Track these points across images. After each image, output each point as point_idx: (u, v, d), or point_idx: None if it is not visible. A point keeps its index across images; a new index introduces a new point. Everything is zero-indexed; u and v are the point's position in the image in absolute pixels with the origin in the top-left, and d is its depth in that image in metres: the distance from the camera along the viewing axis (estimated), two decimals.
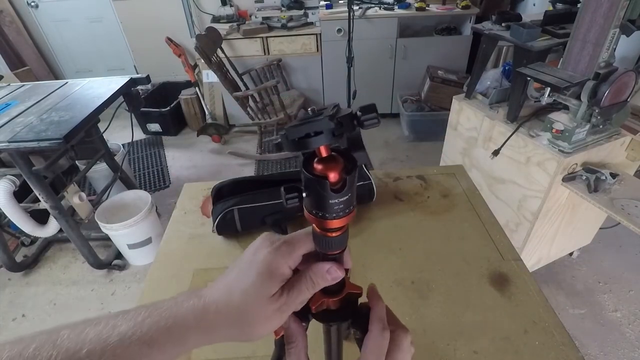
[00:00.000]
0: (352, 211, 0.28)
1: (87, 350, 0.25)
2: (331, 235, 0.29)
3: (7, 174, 1.61)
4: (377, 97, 3.16)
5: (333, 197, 0.26)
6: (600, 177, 1.32)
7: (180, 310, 0.28)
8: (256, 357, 0.64)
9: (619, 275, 1.86)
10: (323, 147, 0.25)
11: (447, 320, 0.68)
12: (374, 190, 0.92)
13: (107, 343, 0.26)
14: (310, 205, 0.27)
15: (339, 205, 0.26)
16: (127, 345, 0.26)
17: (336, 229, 0.29)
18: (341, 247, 0.31)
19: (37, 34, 3.43)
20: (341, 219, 0.27)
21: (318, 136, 0.24)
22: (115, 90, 1.71)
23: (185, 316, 0.28)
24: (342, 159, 0.26)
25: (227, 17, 2.97)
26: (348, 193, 0.26)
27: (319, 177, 0.25)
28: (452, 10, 2.79)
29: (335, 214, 0.27)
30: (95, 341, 0.26)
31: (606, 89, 1.18)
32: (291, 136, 0.24)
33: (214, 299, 0.29)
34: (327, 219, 0.27)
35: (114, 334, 0.26)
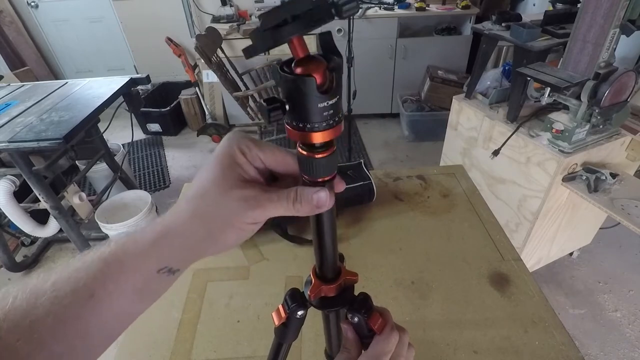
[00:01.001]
0: (340, 122, 0.25)
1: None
2: (318, 157, 0.26)
3: (7, 174, 1.62)
4: (377, 97, 3.16)
5: (321, 99, 0.23)
6: (600, 177, 1.32)
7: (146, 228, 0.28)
8: (256, 357, 0.64)
9: (619, 275, 1.86)
10: (300, 44, 0.23)
11: (447, 320, 0.68)
12: (374, 190, 0.92)
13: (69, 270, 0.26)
14: (295, 116, 0.24)
15: (327, 111, 0.24)
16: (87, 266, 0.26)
17: (323, 148, 0.26)
18: (330, 171, 0.28)
19: (37, 34, 3.43)
20: (329, 131, 0.25)
21: (295, 22, 0.21)
22: (115, 90, 1.71)
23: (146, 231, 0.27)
24: (322, 58, 0.24)
25: (227, 17, 2.97)
26: (337, 95, 0.24)
27: (303, 76, 0.23)
28: (452, 10, 2.79)
29: (324, 123, 0.24)
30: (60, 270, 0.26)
31: (606, 89, 1.18)
32: (265, 24, 0.21)
33: (176, 207, 0.28)
34: (314, 131, 0.25)
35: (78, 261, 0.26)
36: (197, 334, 0.68)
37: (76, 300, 0.25)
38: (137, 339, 0.68)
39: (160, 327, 0.69)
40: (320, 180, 0.28)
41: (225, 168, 0.28)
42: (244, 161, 0.28)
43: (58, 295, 0.25)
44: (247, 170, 0.28)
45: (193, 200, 0.28)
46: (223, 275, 0.79)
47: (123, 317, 0.28)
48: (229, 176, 0.27)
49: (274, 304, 0.47)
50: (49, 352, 0.24)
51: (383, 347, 0.34)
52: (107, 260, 0.26)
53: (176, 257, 0.28)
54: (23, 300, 0.24)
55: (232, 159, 0.28)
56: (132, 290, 0.27)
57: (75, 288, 0.25)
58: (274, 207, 0.28)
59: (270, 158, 0.29)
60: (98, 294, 0.25)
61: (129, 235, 0.27)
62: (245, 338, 0.67)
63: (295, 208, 0.28)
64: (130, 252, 0.27)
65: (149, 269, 0.27)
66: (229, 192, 0.27)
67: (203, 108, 3.15)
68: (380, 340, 0.34)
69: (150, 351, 0.66)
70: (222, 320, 0.70)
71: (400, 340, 0.35)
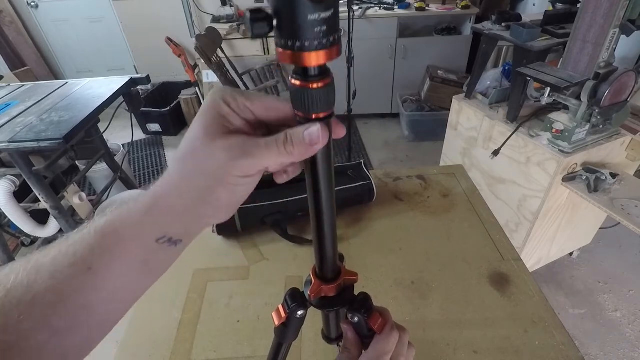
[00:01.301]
0: (337, 43, 0.23)
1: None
2: (313, 86, 0.24)
3: (7, 174, 1.61)
4: (377, 97, 3.16)
5: (313, 8, 0.20)
6: (600, 177, 1.32)
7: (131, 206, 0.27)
8: (256, 357, 0.64)
9: (619, 275, 1.86)
10: None
11: (447, 320, 0.68)
12: (374, 190, 0.92)
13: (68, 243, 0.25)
14: (283, 32, 0.22)
15: (320, 26, 0.21)
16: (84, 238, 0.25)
17: (319, 76, 0.24)
18: (326, 105, 0.25)
19: (37, 34, 3.43)
20: (324, 51, 0.22)
21: None
22: (115, 91, 1.71)
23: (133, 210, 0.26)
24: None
25: (227, 17, 2.97)
26: (331, 6, 0.21)
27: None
28: (452, 10, 2.79)
29: (316, 41, 0.21)
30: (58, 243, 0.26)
31: (606, 89, 1.18)
32: None
33: (165, 173, 0.27)
34: (305, 50, 0.22)
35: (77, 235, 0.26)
36: (197, 334, 0.68)
37: (74, 273, 0.24)
38: (137, 339, 0.68)
39: (160, 327, 0.69)
40: (315, 117, 0.25)
41: (209, 121, 0.26)
42: (229, 112, 0.26)
43: (56, 269, 0.24)
44: (233, 121, 0.26)
45: (180, 159, 0.26)
46: (223, 275, 0.79)
47: (126, 291, 0.27)
48: (213, 129, 0.25)
49: (274, 304, 0.47)
50: (50, 327, 0.24)
51: (383, 347, 0.34)
52: (102, 232, 0.25)
53: (172, 224, 0.27)
54: (24, 277, 0.24)
55: (215, 111, 0.26)
56: (133, 263, 0.26)
57: (73, 262, 0.24)
58: (263, 153, 0.25)
59: (259, 106, 0.27)
60: (96, 267, 0.25)
61: (123, 206, 0.26)
62: (245, 338, 0.67)
63: (288, 151, 0.25)
64: (126, 222, 0.26)
65: (146, 238, 0.26)
66: (214, 143, 0.25)
67: None
68: (381, 340, 0.34)
69: (150, 351, 0.66)
70: (222, 320, 0.70)
71: (401, 340, 0.35)
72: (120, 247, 0.25)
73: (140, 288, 0.28)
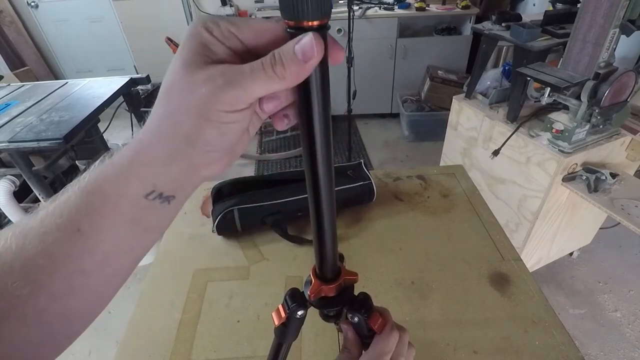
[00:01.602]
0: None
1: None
2: (307, 25, 0.21)
3: (7, 174, 1.62)
4: (377, 97, 3.17)
5: None
6: (600, 177, 1.32)
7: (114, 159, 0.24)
8: (256, 357, 0.64)
9: (619, 275, 1.86)
10: None
11: (447, 320, 0.68)
12: (374, 190, 0.92)
13: (54, 205, 0.24)
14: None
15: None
16: (69, 199, 0.24)
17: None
18: (319, 10, 0.21)
19: (37, 34, 3.43)
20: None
21: None
22: (115, 90, 1.71)
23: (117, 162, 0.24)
24: None
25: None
26: None
27: None
28: (452, 10, 2.79)
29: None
30: (44, 207, 0.24)
31: (606, 89, 1.18)
32: None
33: (150, 116, 0.24)
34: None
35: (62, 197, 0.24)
36: (197, 334, 0.68)
37: (63, 236, 0.23)
38: (137, 339, 0.68)
39: (160, 327, 0.69)
40: (308, 25, 0.22)
41: (189, 53, 0.22)
42: (211, 39, 0.23)
43: (45, 231, 0.23)
44: (216, 50, 0.23)
45: (160, 99, 0.23)
46: (223, 275, 0.79)
47: (122, 253, 0.25)
48: (192, 61, 0.22)
49: (274, 304, 0.47)
50: (48, 292, 0.23)
51: (383, 347, 0.34)
52: (87, 190, 0.23)
53: (160, 176, 0.24)
54: (13, 241, 0.23)
55: (195, 41, 0.23)
56: (124, 222, 0.24)
57: (60, 223, 0.23)
58: (250, 81, 0.22)
59: (247, 30, 0.23)
60: (85, 228, 0.23)
61: (106, 160, 0.24)
62: (245, 338, 0.67)
63: (279, 74, 0.22)
64: (110, 177, 0.23)
65: (134, 194, 0.23)
66: (194, 76, 0.22)
67: None
68: (381, 340, 0.34)
69: (150, 351, 0.66)
70: (222, 320, 0.70)
71: (401, 340, 0.36)
72: (108, 206, 0.23)
73: (137, 249, 0.26)
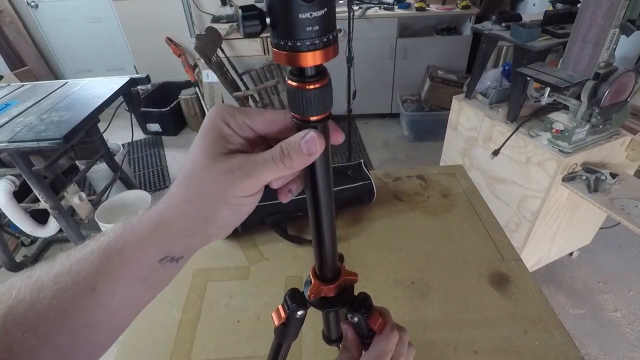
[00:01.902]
0: (333, 44, 0.22)
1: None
2: (309, 87, 0.23)
3: (7, 174, 1.62)
4: (377, 97, 3.16)
5: (305, 9, 0.20)
6: (600, 177, 1.32)
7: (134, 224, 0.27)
8: (256, 357, 0.64)
9: (619, 275, 1.86)
10: None
11: (447, 320, 0.68)
12: (373, 190, 0.92)
13: (70, 261, 0.25)
14: (277, 31, 0.21)
15: (312, 26, 0.21)
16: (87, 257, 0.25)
17: (314, 77, 0.23)
18: (322, 107, 0.25)
19: (37, 34, 3.43)
20: (318, 52, 0.22)
21: None
22: (115, 90, 1.71)
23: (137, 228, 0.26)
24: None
25: (227, 17, 2.97)
26: (323, 6, 0.20)
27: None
28: (452, 10, 2.79)
29: (309, 42, 0.21)
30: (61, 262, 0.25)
31: (606, 89, 1.18)
32: None
33: (167, 193, 0.27)
34: (299, 50, 0.21)
35: (78, 253, 0.26)
36: (197, 334, 0.68)
37: (78, 293, 0.24)
38: (137, 339, 0.68)
39: (160, 327, 0.69)
40: (312, 120, 0.25)
41: (209, 143, 0.26)
42: (229, 132, 0.26)
43: (60, 287, 0.24)
44: (233, 141, 0.26)
45: (182, 182, 0.26)
46: (223, 275, 0.79)
47: (128, 308, 0.28)
48: (213, 151, 0.26)
49: (274, 304, 0.47)
50: (53, 344, 0.24)
51: (384, 347, 0.34)
52: (106, 252, 0.25)
53: (176, 244, 0.27)
54: (27, 293, 0.24)
55: (215, 133, 0.26)
56: (135, 281, 0.26)
57: (76, 281, 0.24)
58: (262, 171, 0.25)
59: (259, 122, 0.27)
60: (99, 286, 0.25)
61: (126, 225, 0.26)
62: (245, 338, 0.67)
63: (287, 165, 0.25)
64: (129, 243, 0.26)
65: (150, 259, 0.26)
66: (214, 167, 0.25)
67: (203, 108, 3.15)
68: (381, 340, 0.34)
69: (150, 351, 0.66)
70: (222, 320, 0.70)
71: (401, 340, 0.36)
72: (124, 268, 0.25)
73: (141, 303, 0.28)
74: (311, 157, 0.25)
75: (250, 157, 0.26)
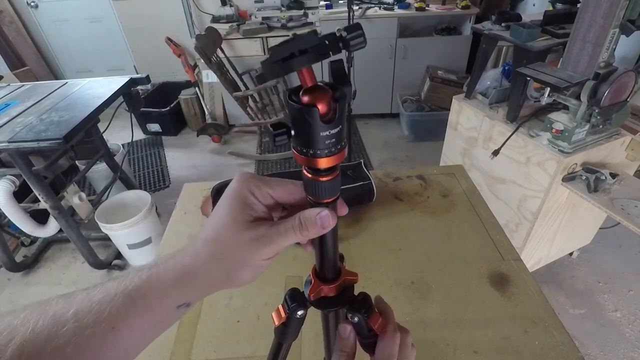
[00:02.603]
0: (344, 149, 0.27)
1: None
2: (322, 179, 0.28)
3: (7, 174, 1.61)
4: (377, 97, 3.16)
5: (323, 128, 0.24)
6: (600, 177, 1.32)
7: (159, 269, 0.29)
8: (256, 357, 0.64)
9: (619, 275, 1.86)
10: (308, 74, 0.24)
11: (447, 320, 0.68)
12: (373, 190, 0.92)
13: (92, 301, 0.27)
14: (299, 142, 0.26)
15: (330, 139, 0.25)
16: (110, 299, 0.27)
17: (327, 171, 0.27)
18: (333, 193, 0.29)
19: (37, 34, 3.43)
20: (332, 157, 0.26)
21: (303, 55, 0.22)
22: (115, 90, 1.71)
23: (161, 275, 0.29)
24: (329, 88, 0.25)
25: (227, 17, 2.97)
26: (339, 124, 0.25)
27: (307, 106, 0.24)
28: (452, 10, 2.79)
29: (326, 150, 0.26)
30: (80, 300, 0.27)
31: (606, 89, 1.18)
32: (275, 57, 0.22)
33: (192, 248, 0.30)
34: (317, 157, 0.26)
35: (100, 293, 0.27)
36: (197, 334, 0.68)
37: (97, 332, 0.26)
38: None
39: None
40: (324, 202, 0.30)
41: (237, 210, 0.29)
42: (254, 201, 0.30)
43: (80, 325, 0.26)
44: (257, 209, 0.30)
45: (210, 243, 0.29)
46: None
47: (139, 345, 0.29)
48: (240, 218, 0.29)
49: (274, 304, 0.47)
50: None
51: (390, 350, 0.34)
52: (131, 296, 0.27)
53: (195, 294, 0.30)
54: (45, 327, 0.25)
55: (242, 201, 0.30)
56: (153, 323, 0.29)
57: (98, 320, 0.26)
58: (284, 239, 0.29)
59: (280, 192, 0.31)
60: (119, 326, 0.27)
61: (151, 270, 0.29)
62: (245, 338, 0.67)
63: (303, 234, 0.29)
64: (154, 289, 0.28)
65: (170, 305, 0.29)
66: (242, 234, 0.29)
67: (203, 108, 3.15)
68: (386, 344, 0.34)
69: (150, 351, 0.66)
70: (222, 320, 0.70)
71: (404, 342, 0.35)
72: (146, 311, 0.28)
73: (150, 341, 0.30)
74: (324, 230, 0.30)
75: (273, 226, 0.30)
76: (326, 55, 0.23)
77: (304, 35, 0.22)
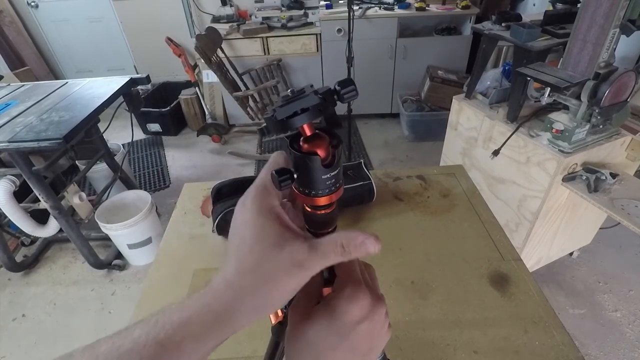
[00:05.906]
0: (341, 187, 0.28)
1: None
2: (319, 212, 0.29)
3: (7, 174, 1.62)
4: (377, 97, 3.17)
5: (325, 172, 0.26)
6: (600, 177, 1.32)
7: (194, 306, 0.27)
8: (256, 357, 0.64)
9: (619, 275, 1.86)
10: (308, 126, 0.26)
11: (447, 320, 0.68)
12: (374, 190, 0.92)
13: (119, 352, 0.25)
14: (301, 184, 0.27)
15: (330, 180, 0.27)
16: (140, 349, 0.25)
17: (325, 207, 0.29)
18: (332, 225, 0.31)
19: (37, 34, 3.43)
20: (330, 195, 0.28)
21: (304, 113, 0.24)
22: (115, 90, 1.71)
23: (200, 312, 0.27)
24: (327, 135, 0.27)
25: (227, 17, 2.97)
26: (338, 167, 0.27)
27: (309, 154, 0.26)
28: (452, 10, 2.79)
29: (327, 190, 0.27)
30: (107, 352, 0.25)
31: (606, 89, 1.18)
32: (280, 116, 0.24)
33: (224, 283, 0.28)
34: (318, 196, 0.28)
35: (126, 341, 0.25)
36: None
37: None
38: None
39: None
40: (322, 232, 0.31)
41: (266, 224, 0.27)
42: (275, 202, 0.28)
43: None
44: (276, 205, 0.28)
45: (246, 276, 0.27)
46: None
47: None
48: (271, 229, 0.27)
49: None
50: None
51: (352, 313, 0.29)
52: (163, 345, 0.25)
53: (230, 333, 0.28)
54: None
55: (265, 210, 0.28)
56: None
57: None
58: (323, 264, 0.27)
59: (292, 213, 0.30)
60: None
61: (182, 314, 0.27)
62: (245, 338, 0.67)
63: (345, 257, 0.28)
64: (189, 337, 0.26)
65: (207, 350, 0.27)
66: (280, 259, 0.27)
67: (203, 108, 3.15)
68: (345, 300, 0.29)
69: None
70: None
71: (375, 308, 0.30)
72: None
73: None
74: (364, 253, 0.28)
75: (312, 248, 0.27)
76: (325, 111, 0.25)
77: (307, 96, 0.24)
